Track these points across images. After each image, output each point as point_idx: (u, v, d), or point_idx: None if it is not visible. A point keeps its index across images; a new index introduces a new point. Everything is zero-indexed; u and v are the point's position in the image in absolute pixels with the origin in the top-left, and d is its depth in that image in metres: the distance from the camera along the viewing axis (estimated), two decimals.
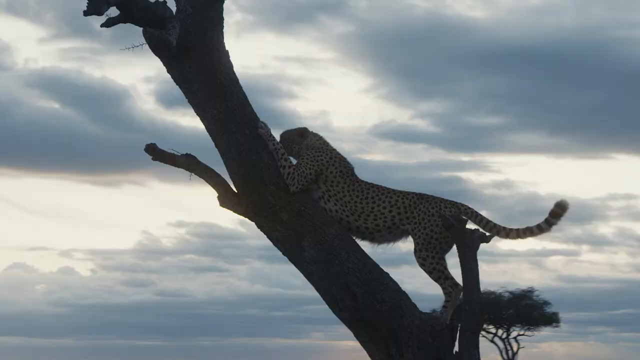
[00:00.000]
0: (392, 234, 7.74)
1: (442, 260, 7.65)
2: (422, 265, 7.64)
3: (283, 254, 7.65)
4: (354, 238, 7.72)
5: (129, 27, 7.53)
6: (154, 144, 7.65)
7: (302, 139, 7.89)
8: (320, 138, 7.92)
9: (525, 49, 48.57)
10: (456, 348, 7.48)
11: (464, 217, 7.60)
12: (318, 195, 7.72)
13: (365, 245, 7.77)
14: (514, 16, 52.56)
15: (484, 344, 37.27)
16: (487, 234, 7.59)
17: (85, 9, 7.14)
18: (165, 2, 7.66)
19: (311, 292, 7.73)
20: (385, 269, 7.61)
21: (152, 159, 7.67)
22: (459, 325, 7.45)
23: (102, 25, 7.40)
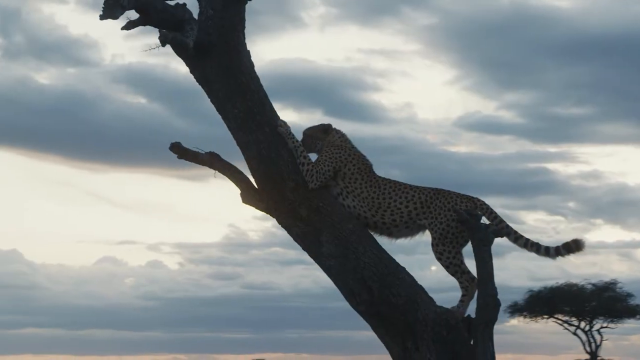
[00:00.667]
0: (409, 229, 7.87)
1: (459, 254, 7.74)
2: (439, 260, 7.74)
3: (303, 249, 7.81)
4: (372, 233, 7.86)
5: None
6: (179, 142, 7.88)
7: (325, 136, 8.02)
8: (343, 135, 8.06)
9: (610, 38, 47.90)
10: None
11: (478, 212, 7.69)
12: (337, 191, 7.86)
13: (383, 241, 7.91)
14: (599, 5, 51.83)
15: (566, 336, 36.98)
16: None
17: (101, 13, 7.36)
18: (185, 5, 7.85)
19: None
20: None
21: (178, 157, 7.90)
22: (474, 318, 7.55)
23: (122, 28, 7.62)
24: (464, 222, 7.61)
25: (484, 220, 7.75)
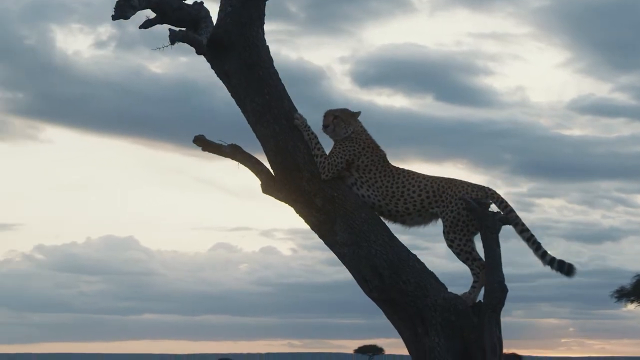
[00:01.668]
0: (421, 217, 8.10)
1: (470, 242, 7.93)
2: (450, 247, 7.95)
3: (319, 237, 8.11)
4: (387, 221, 8.12)
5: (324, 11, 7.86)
6: (202, 135, 8.23)
7: (355, 122, 8.22)
8: (361, 126, 8.27)
9: None
10: None
11: (487, 201, 7.86)
12: (351, 181, 8.11)
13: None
14: None
15: None
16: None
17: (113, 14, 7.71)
18: (202, 3, 8.17)
19: (512, 269, 8.07)
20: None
21: (202, 149, 8.25)
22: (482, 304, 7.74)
23: (140, 27, 7.96)
24: (472, 210, 7.82)
25: (495, 209, 7.91)
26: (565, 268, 7.93)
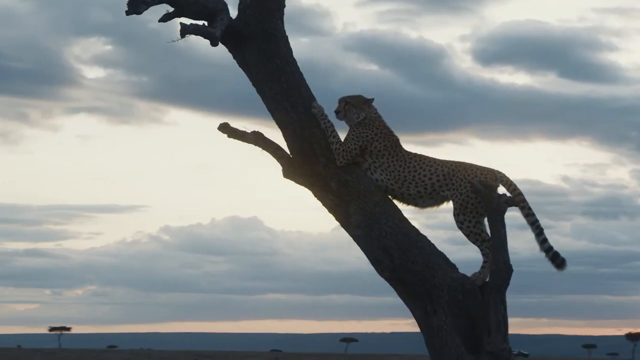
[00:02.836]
0: (433, 199, 8.39)
1: (479, 223, 8.18)
2: (460, 228, 8.24)
3: (336, 219, 8.47)
4: (400, 204, 8.45)
5: None
6: (227, 122, 8.64)
7: (368, 108, 8.52)
8: (376, 112, 8.55)
9: None
10: None
11: (494, 183, 8.08)
12: (365, 166, 8.44)
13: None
14: None
15: None
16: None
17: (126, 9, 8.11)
18: None
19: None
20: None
21: (228, 136, 8.66)
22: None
23: (159, 21, 8.36)
24: (478, 193, 8.06)
25: (504, 191, 8.13)
26: (557, 260, 8.20)
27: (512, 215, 8.17)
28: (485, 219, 8.20)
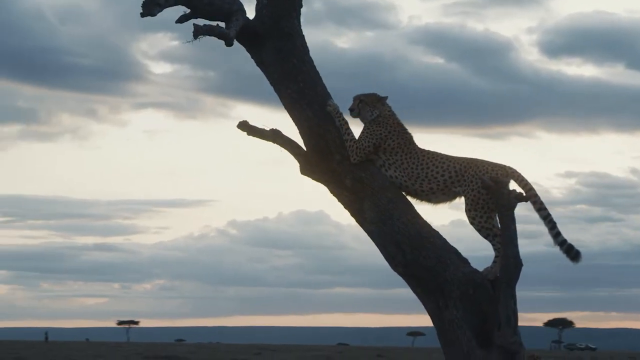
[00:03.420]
0: (445, 195, 8.52)
1: (491, 219, 8.28)
2: (472, 224, 8.34)
3: (350, 215, 8.60)
4: (414, 200, 8.58)
5: None
6: (246, 121, 8.80)
7: (381, 106, 8.66)
8: (390, 110, 8.67)
9: None
10: None
11: (504, 179, 8.16)
12: (379, 163, 8.58)
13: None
14: None
15: None
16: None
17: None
18: None
19: None
20: None
21: (247, 134, 8.83)
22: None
23: (176, 22, 8.55)
24: (487, 188, 8.15)
25: (516, 187, 8.21)
26: (572, 253, 8.30)
27: (581, 209, 8.20)
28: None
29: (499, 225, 8.22)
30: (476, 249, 8.96)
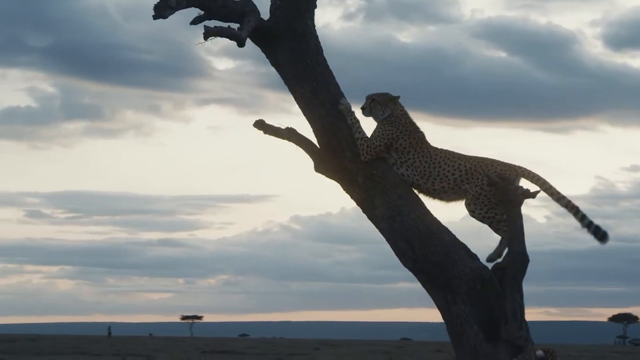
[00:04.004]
0: (456, 194, 8.70)
1: (492, 209, 8.48)
2: (472, 216, 8.57)
3: (363, 211, 8.77)
4: (427, 198, 8.75)
5: None
6: (262, 120, 9.00)
7: (393, 105, 8.82)
8: (403, 109, 8.82)
9: None
10: None
11: (511, 177, 8.29)
12: (392, 161, 8.75)
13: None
14: None
15: None
16: (533, 191, 8.42)
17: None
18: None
19: None
20: None
21: (264, 132, 9.02)
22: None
23: (190, 23, 8.75)
24: (494, 185, 8.27)
25: (528, 185, 8.37)
26: (599, 234, 8.43)
27: None
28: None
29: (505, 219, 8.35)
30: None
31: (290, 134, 8.96)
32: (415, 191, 8.73)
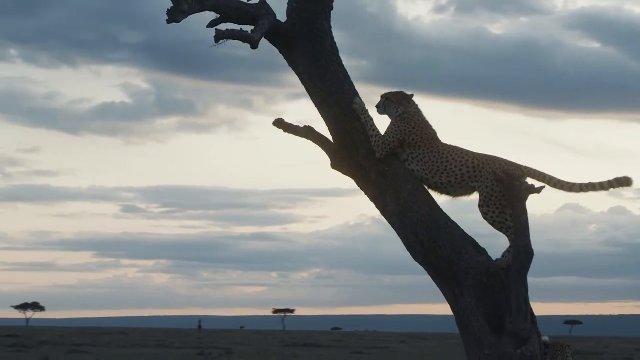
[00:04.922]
0: (463, 189, 8.90)
1: (504, 213, 8.65)
2: (485, 219, 8.75)
3: (376, 207, 8.99)
4: (435, 193, 8.97)
5: None
6: (282, 118, 9.28)
7: (407, 104, 9.05)
8: (416, 107, 9.05)
9: None
10: None
11: (517, 174, 8.45)
12: (404, 157, 8.99)
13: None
14: None
15: None
16: (538, 186, 8.58)
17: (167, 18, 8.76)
18: (264, 2, 9.12)
19: None
20: None
21: (283, 131, 9.30)
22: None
23: (207, 27, 9.01)
24: (500, 181, 8.45)
25: (534, 182, 8.52)
26: (622, 181, 8.44)
27: None
28: None
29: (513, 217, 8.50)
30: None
31: (307, 132, 9.22)
32: (425, 187, 8.94)
